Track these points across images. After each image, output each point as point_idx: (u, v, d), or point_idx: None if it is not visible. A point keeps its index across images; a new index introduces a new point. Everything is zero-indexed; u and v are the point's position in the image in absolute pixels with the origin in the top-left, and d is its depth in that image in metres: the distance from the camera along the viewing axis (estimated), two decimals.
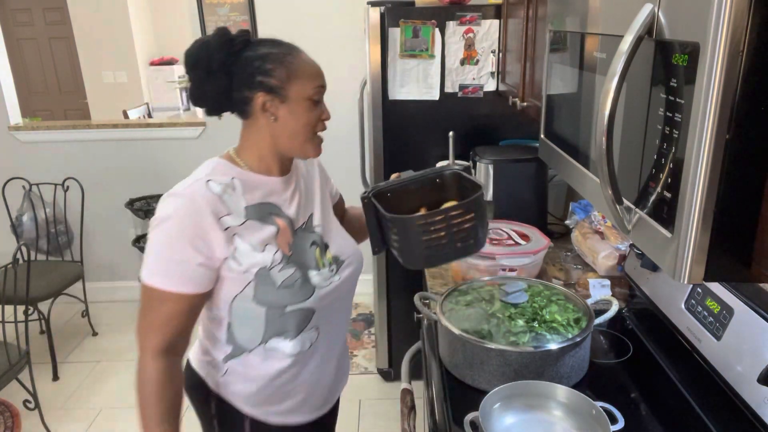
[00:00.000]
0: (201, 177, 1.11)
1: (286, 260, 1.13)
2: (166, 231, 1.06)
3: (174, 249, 1.05)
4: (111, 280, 3.78)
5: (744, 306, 1.08)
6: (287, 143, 1.14)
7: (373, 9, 2.34)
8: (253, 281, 1.11)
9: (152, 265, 1.06)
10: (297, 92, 1.10)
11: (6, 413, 2.66)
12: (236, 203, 1.10)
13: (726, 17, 0.59)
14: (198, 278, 1.07)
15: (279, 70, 1.09)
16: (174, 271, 1.05)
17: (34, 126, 3.50)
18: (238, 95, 1.12)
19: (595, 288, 1.57)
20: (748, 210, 0.66)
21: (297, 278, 1.13)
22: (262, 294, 1.11)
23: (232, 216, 1.09)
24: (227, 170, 1.14)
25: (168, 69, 5.85)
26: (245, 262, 1.09)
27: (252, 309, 1.12)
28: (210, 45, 1.09)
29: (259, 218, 1.12)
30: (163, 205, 1.08)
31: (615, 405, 1.10)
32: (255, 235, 1.11)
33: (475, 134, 2.45)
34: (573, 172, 1.10)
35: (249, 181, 1.14)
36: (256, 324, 1.14)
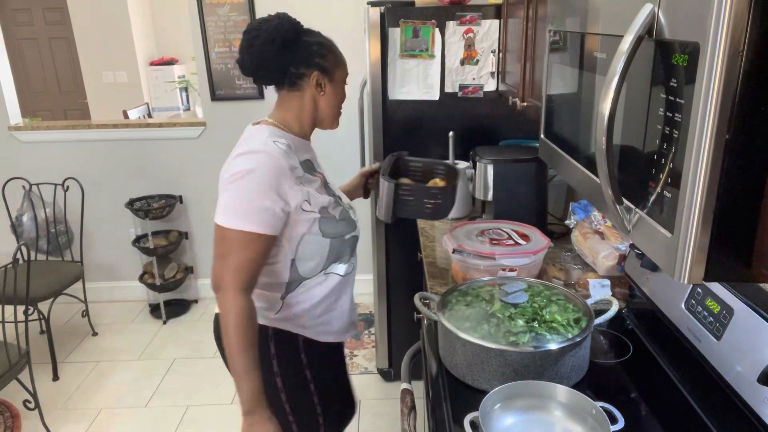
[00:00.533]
0: (266, 138, 1.30)
1: (336, 201, 1.42)
2: (252, 181, 1.24)
3: (260, 197, 1.24)
4: (111, 280, 3.78)
5: (744, 306, 1.08)
6: (325, 113, 1.42)
7: (373, 9, 2.34)
8: (318, 219, 1.35)
9: (239, 212, 1.25)
10: (340, 75, 1.41)
11: (6, 413, 2.66)
12: (294, 160, 1.33)
13: (726, 17, 0.59)
14: (277, 222, 1.28)
15: (331, 56, 1.38)
16: (259, 217, 1.25)
17: (34, 126, 3.50)
18: (295, 70, 1.35)
19: (595, 288, 1.57)
20: (748, 210, 0.66)
21: (347, 213, 1.44)
22: (327, 228, 1.37)
23: (297, 168, 1.33)
24: (280, 134, 1.35)
25: (168, 69, 5.84)
26: (314, 203, 1.34)
27: (320, 242, 1.37)
28: (282, 25, 1.31)
29: (308, 171, 1.39)
30: (243, 161, 1.27)
31: (615, 405, 1.10)
32: (312, 184, 1.37)
33: (475, 134, 2.45)
34: (573, 172, 1.10)
35: (295, 142, 1.39)
36: (320, 254, 1.39)
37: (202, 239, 3.71)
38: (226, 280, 1.25)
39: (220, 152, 3.52)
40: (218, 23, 3.28)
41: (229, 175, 1.27)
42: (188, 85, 5.94)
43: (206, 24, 3.28)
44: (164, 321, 3.53)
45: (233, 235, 1.25)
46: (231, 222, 1.25)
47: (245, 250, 1.25)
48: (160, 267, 3.52)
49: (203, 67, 3.36)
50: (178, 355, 3.18)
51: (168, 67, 5.85)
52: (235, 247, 1.25)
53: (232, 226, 1.24)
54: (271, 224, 1.27)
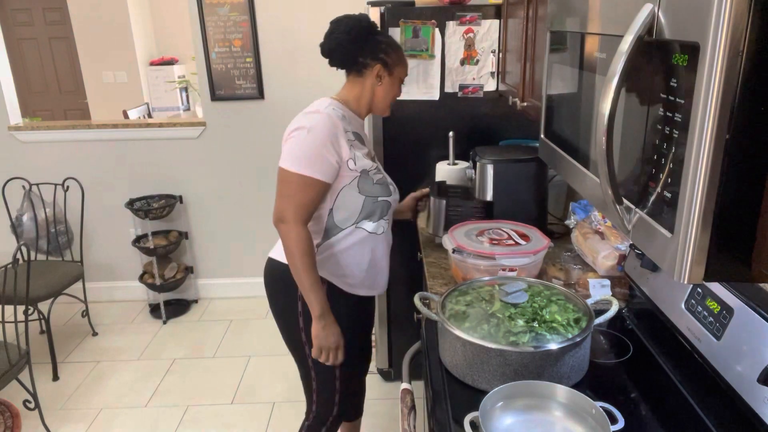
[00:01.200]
0: (327, 105, 1.59)
1: (377, 168, 1.67)
2: (314, 135, 1.51)
3: (320, 148, 1.51)
4: (111, 280, 3.78)
5: (744, 306, 1.08)
6: (379, 101, 1.69)
7: (373, 9, 2.33)
8: (358, 177, 1.60)
9: (302, 159, 1.51)
10: (399, 72, 1.68)
11: (6, 413, 2.66)
12: (347, 126, 1.60)
13: (726, 17, 0.59)
14: (332, 171, 1.54)
15: (394, 55, 1.65)
16: (319, 164, 1.51)
17: (34, 126, 3.50)
18: (363, 60, 1.62)
19: (595, 288, 1.57)
20: (748, 210, 0.66)
21: (384, 180, 1.68)
22: (363, 186, 1.62)
23: (349, 133, 1.59)
24: (339, 106, 1.63)
25: (168, 69, 5.84)
26: (359, 163, 1.59)
27: (355, 197, 1.61)
28: (360, 22, 1.61)
29: (358, 140, 1.64)
30: (307, 119, 1.55)
31: (615, 405, 1.10)
32: (359, 150, 1.62)
33: (475, 134, 2.45)
34: (573, 172, 1.10)
35: (350, 116, 1.65)
36: (353, 208, 1.62)
37: (202, 239, 3.71)
38: (288, 215, 1.52)
39: (220, 152, 3.52)
40: (218, 23, 3.28)
41: (293, 128, 1.54)
42: (188, 85, 5.94)
43: (206, 24, 3.28)
44: (164, 321, 3.53)
45: (295, 178, 1.50)
46: (294, 166, 1.50)
47: (305, 192, 1.51)
48: (160, 267, 3.52)
49: (203, 67, 3.36)
50: (178, 355, 3.18)
51: (168, 67, 5.85)
52: (296, 188, 1.51)
53: (295, 170, 1.50)
54: (328, 172, 1.53)
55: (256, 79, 3.39)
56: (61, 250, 3.45)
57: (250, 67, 3.37)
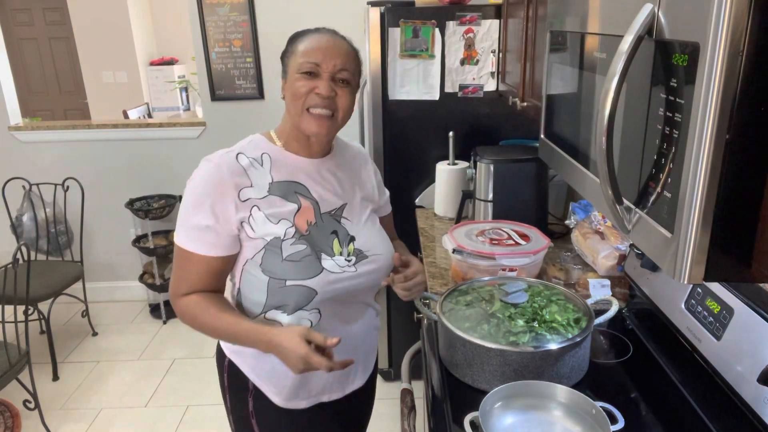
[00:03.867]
0: (235, 149, 1.21)
1: (298, 236, 1.19)
2: (189, 193, 1.17)
3: (194, 211, 1.15)
4: (111, 280, 3.78)
5: (744, 306, 1.08)
6: (291, 118, 1.21)
7: (373, 9, 2.33)
8: (263, 250, 1.18)
9: (180, 225, 1.18)
10: (291, 66, 1.18)
11: (6, 413, 2.66)
12: (261, 178, 1.19)
13: (726, 17, 0.59)
14: (214, 241, 1.16)
15: (288, 50, 1.21)
16: (193, 233, 1.16)
17: (34, 126, 3.50)
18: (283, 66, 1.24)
19: (595, 288, 1.57)
20: (748, 210, 0.66)
21: (305, 255, 1.18)
22: (268, 263, 1.18)
23: (253, 189, 1.17)
24: (261, 145, 1.23)
25: (168, 69, 5.85)
26: (258, 230, 1.17)
27: (258, 276, 1.19)
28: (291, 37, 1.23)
29: (282, 194, 1.20)
30: (197, 169, 1.19)
31: (615, 405, 1.10)
32: (273, 209, 1.18)
33: (475, 134, 2.45)
34: (573, 172, 1.10)
35: (279, 159, 1.22)
36: (258, 292, 1.20)
37: None
38: (172, 289, 1.22)
39: None
40: (218, 23, 3.28)
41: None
42: (188, 85, 5.94)
43: (206, 24, 3.28)
44: (164, 321, 3.53)
45: (175, 249, 1.20)
46: (176, 235, 1.19)
47: (186, 266, 1.19)
48: (160, 267, 3.52)
49: (203, 67, 3.36)
50: (178, 355, 3.18)
51: (168, 67, 5.86)
52: (179, 261, 1.20)
53: (175, 240, 1.19)
54: (208, 242, 1.15)
55: (256, 79, 3.39)
56: (61, 250, 3.45)
57: (250, 67, 3.37)
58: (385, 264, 1.29)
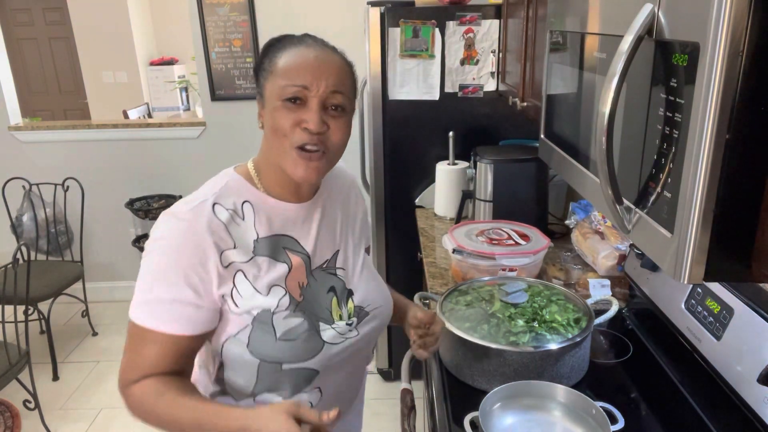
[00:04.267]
0: (208, 198, 0.93)
1: (294, 307, 0.96)
2: (159, 259, 0.90)
3: (165, 281, 0.90)
4: (111, 280, 3.78)
5: (744, 306, 1.08)
6: (274, 159, 0.95)
7: (373, 9, 2.34)
8: (249, 326, 0.93)
9: (139, 298, 0.92)
10: (270, 91, 0.93)
11: (6, 413, 2.66)
12: (244, 235, 0.94)
13: (726, 17, 0.59)
14: (189, 318, 0.91)
15: (263, 66, 0.94)
16: (162, 308, 0.90)
17: (34, 126, 3.50)
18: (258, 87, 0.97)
19: (595, 288, 1.57)
20: (748, 210, 0.66)
21: (303, 331, 0.96)
22: (257, 344, 0.94)
23: (237, 250, 0.92)
24: (240, 191, 0.97)
25: (168, 69, 5.85)
26: (243, 305, 0.93)
27: (244, 357, 0.95)
28: (262, 49, 0.97)
29: (270, 254, 0.96)
30: (161, 226, 0.92)
31: (615, 405, 1.10)
32: (261, 275, 0.94)
33: (475, 134, 2.45)
34: (573, 172, 1.10)
35: (263, 207, 0.97)
36: (246, 374, 0.97)
37: None
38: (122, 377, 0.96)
39: (220, 152, 3.52)
40: (218, 23, 3.28)
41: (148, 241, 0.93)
42: (188, 85, 5.94)
43: (206, 24, 3.28)
44: None
45: (132, 328, 0.93)
46: (131, 310, 0.94)
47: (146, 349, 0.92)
48: None
49: (203, 67, 3.36)
50: None
51: (168, 67, 5.86)
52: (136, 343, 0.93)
53: (131, 316, 0.93)
54: (182, 319, 0.90)
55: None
56: (61, 250, 3.45)
57: (250, 67, 3.37)
58: (386, 316, 1.12)
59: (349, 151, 2.49)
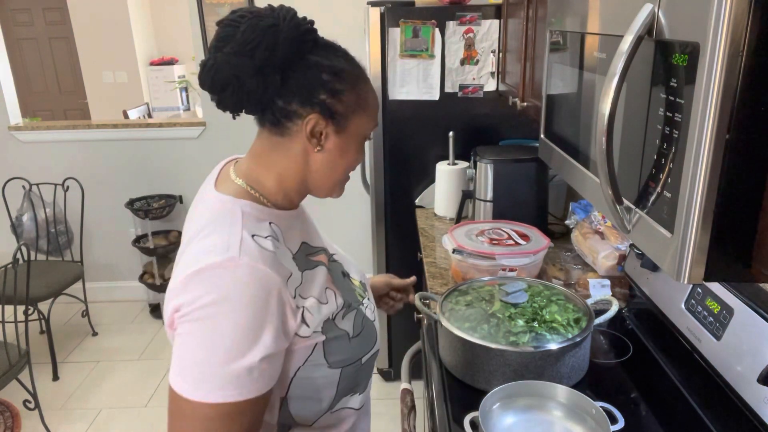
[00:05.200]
0: (241, 234, 0.81)
1: (345, 303, 0.93)
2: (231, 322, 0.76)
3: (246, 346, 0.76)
4: (111, 280, 3.78)
5: (744, 306, 1.08)
6: (319, 180, 0.91)
7: (373, 9, 2.34)
8: (320, 343, 0.87)
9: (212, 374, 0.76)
10: (357, 126, 0.89)
11: (6, 413, 2.66)
12: (286, 257, 0.87)
13: (726, 17, 0.59)
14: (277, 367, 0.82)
15: (349, 95, 0.86)
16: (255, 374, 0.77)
17: (34, 126, 3.50)
18: (286, 106, 0.84)
19: (595, 288, 1.57)
20: (748, 210, 0.66)
21: (362, 319, 0.95)
22: (335, 354, 0.89)
23: (293, 275, 0.85)
24: (261, 215, 0.88)
25: (168, 69, 5.85)
26: (314, 322, 0.86)
27: (323, 375, 0.89)
28: (280, 31, 0.81)
29: (306, 265, 0.91)
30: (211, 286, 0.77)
31: (615, 405, 1.10)
32: (314, 287, 0.89)
33: (475, 134, 2.45)
34: (573, 172, 1.10)
35: (283, 222, 0.91)
36: (324, 392, 0.91)
37: None
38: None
39: (220, 152, 3.52)
40: None
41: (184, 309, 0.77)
42: (188, 85, 5.94)
43: (206, 24, 3.28)
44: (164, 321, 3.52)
45: (204, 410, 0.76)
46: (197, 391, 0.76)
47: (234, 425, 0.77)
48: (160, 267, 3.52)
49: None
50: None
51: (168, 67, 5.86)
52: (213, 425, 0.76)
53: (201, 399, 0.75)
54: (270, 375, 0.81)
55: None
56: (61, 250, 3.45)
57: None
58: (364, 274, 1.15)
59: None
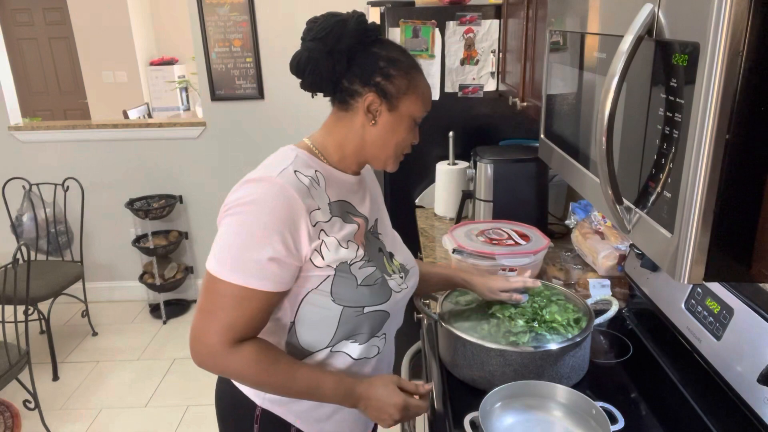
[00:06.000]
0: (288, 166, 1.03)
1: (367, 258, 1.09)
2: (252, 219, 0.97)
3: (262, 241, 0.96)
4: (111, 280, 3.78)
5: (744, 306, 1.08)
6: (373, 151, 1.10)
7: (373, 9, 2.34)
8: (331, 276, 1.04)
9: (233, 259, 0.97)
10: (407, 108, 1.08)
11: (6, 413, 2.66)
12: (322, 198, 1.05)
13: (726, 17, 0.59)
14: (284, 274, 0.99)
15: (400, 80, 1.06)
16: (253, 267, 0.97)
17: (34, 126, 3.50)
18: (349, 85, 1.05)
19: (595, 288, 1.57)
20: (748, 210, 0.66)
21: (377, 277, 1.09)
22: (340, 291, 1.04)
23: (320, 211, 1.03)
24: (310, 162, 1.07)
25: (168, 69, 5.85)
26: (329, 257, 1.03)
27: (326, 307, 1.05)
28: (347, 24, 1.03)
29: (340, 215, 1.07)
30: (249, 190, 0.99)
31: (615, 405, 1.10)
32: (340, 232, 1.05)
33: (475, 134, 2.45)
34: (573, 172, 1.10)
35: (330, 177, 1.09)
36: (326, 324, 1.07)
37: (202, 239, 3.70)
38: (211, 340, 0.99)
39: (220, 152, 3.52)
40: (218, 23, 3.28)
41: (228, 206, 1.01)
42: (188, 85, 5.94)
43: (206, 24, 3.28)
44: (164, 321, 3.52)
45: (224, 288, 0.98)
46: (222, 271, 0.98)
47: (237, 308, 0.98)
48: (160, 267, 3.52)
49: (203, 67, 3.36)
50: (178, 355, 3.17)
51: (168, 67, 5.86)
52: (222, 301, 0.98)
53: (224, 277, 0.97)
54: (276, 277, 0.99)
55: (256, 79, 3.39)
56: (61, 250, 3.45)
57: (250, 67, 3.37)
58: (418, 276, 1.26)
59: None
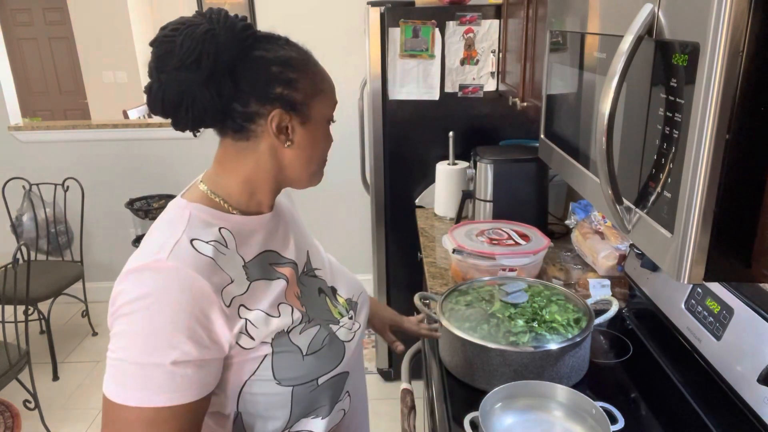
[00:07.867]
0: (180, 237, 0.79)
1: (306, 318, 0.89)
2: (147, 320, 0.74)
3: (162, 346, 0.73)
4: (111, 280, 3.73)
5: (744, 306, 1.08)
6: (294, 173, 0.89)
7: (373, 9, 2.34)
8: (269, 356, 0.83)
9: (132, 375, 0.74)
10: (319, 111, 0.87)
11: (6, 413, 2.66)
12: (234, 264, 0.83)
13: (726, 17, 0.59)
14: (201, 377, 0.77)
15: (304, 82, 0.85)
16: (165, 378, 0.74)
17: (34, 126, 3.50)
18: (244, 108, 0.82)
19: (595, 288, 1.57)
20: (748, 210, 0.66)
21: (323, 337, 0.89)
22: (285, 370, 0.84)
23: (234, 283, 0.81)
24: (211, 219, 0.84)
25: None
26: (259, 334, 0.82)
27: (272, 392, 0.84)
28: (218, 35, 0.80)
29: (262, 275, 0.87)
30: (136, 283, 0.75)
31: (615, 405, 1.10)
32: (265, 300, 0.85)
33: (475, 134, 2.45)
34: (573, 172, 1.10)
35: (241, 230, 0.87)
36: (277, 408, 0.86)
37: None
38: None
39: None
40: None
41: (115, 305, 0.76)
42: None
43: None
44: None
45: (128, 414, 0.74)
46: (122, 393, 0.74)
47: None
48: None
49: None
50: None
51: None
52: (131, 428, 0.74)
53: (126, 402, 0.74)
54: (191, 384, 0.76)
55: None
56: (61, 250, 3.45)
57: None
58: (366, 296, 1.10)
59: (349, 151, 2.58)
